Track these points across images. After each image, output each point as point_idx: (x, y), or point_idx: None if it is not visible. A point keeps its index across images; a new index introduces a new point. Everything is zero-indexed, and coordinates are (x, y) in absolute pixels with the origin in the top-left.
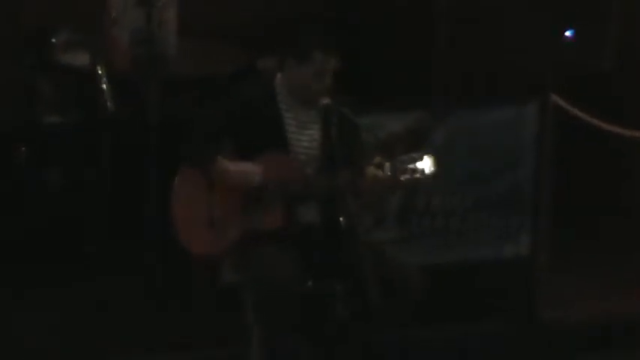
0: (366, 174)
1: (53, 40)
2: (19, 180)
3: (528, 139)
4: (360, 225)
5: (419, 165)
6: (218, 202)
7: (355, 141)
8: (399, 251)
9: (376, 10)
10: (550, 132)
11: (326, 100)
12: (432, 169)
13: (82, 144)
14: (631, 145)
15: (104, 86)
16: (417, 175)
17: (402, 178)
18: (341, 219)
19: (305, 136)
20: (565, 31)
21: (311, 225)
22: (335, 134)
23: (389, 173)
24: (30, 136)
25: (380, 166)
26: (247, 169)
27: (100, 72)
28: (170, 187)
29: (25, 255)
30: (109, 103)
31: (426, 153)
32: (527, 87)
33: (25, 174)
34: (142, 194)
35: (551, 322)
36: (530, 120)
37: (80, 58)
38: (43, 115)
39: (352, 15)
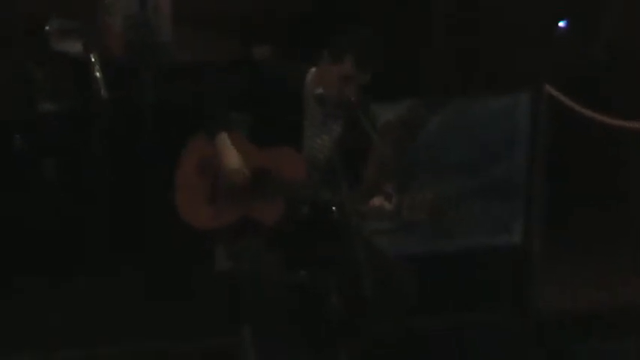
0: (372, 202)
1: (47, 28)
2: (14, 168)
3: (522, 128)
4: (354, 217)
5: (426, 206)
6: (222, 181)
7: (362, 141)
8: (392, 240)
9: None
10: (543, 122)
11: (319, 90)
12: (439, 214)
13: (77, 131)
14: (625, 135)
15: (98, 73)
16: (422, 216)
17: (406, 214)
18: (334, 209)
19: (319, 139)
20: (558, 22)
21: (305, 218)
22: (343, 131)
23: (395, 206)
24: (24, 123)
25: (388, 197)
26: (235, 159)
27: (94, 59)
28: (166, 172)
29: (19, 245)
30: (103, 90)
31: (438, 198)
32: (520, 77)
33: (20, 162)
34: (137, 181)
35: (544, 311)
36: (524, 110)
37: (74, 46)
38: (38, 103)
39: (346, 5)
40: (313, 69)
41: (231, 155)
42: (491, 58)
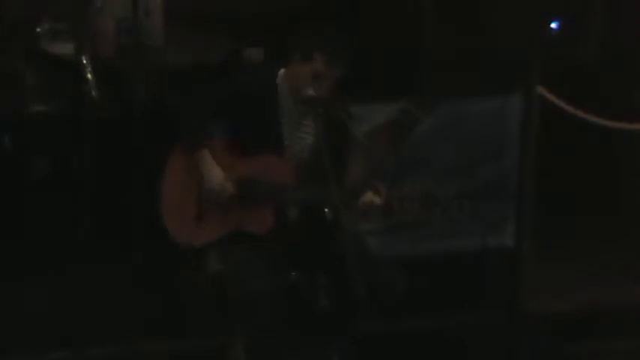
0: (362, 198)
1: (38, 30)
2: (3, 169)
3: (513, 129)
4: (345, 217)
5: (416, 199)
6: (207, 198)
7: (343, 143)
8: (383, 242)
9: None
10: (534, 123)
11: (310, 92)
12: (428, 207)
13: (67, 133)
14: (615, 135)
15: (89, 75)
16: (413, 209)
17: (397, 208)
18: (326, 210)
19: (300, 139)
20: (550, 22)
21: (295, 219)
22: (324, 130)
23: (384, 200)
24: (15, 125)
25: (377, 192)
26: (217, 175)
27: (85, 61)
28: (156, 176)
29: (9, 244)
30: (94, 93)
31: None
32: (512, 78)
33: (10, 163)
34: (127, 183)
35: (536, 312)
36: (515, 110)
37: (65, 48)
38: (28, 105)
39: (336, 3)
40: (282, 70)
41: (213, 171)
42: (482, 60)
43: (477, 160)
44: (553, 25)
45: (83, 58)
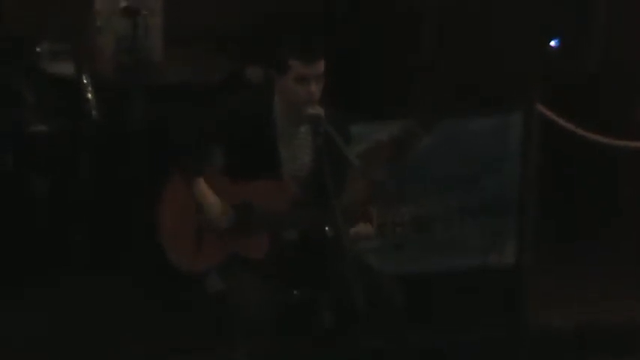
0: (353, 229)
1: (38, 50)
2: (3, 188)
3: (514, 146)
4: (345, 234)
5: (409, 223)
6: (205, 223)
7: (341, 161)
8: (383, 260)
9: (362, 16)
10: (535, 140)
11: (314, 110)
12: (422, 230)
13: (67, 152)
14: (616, 152)
15: (90, 95)
16: (407, 232)
17: (390, 233)
18: (327, 229)
19: (297, 159)
20: (550, 40)
21: (295, 240)
22: (322, 151)
23: (376, 228)
24: (15, 143)
25: (369, 220)
26: (214, 206)
27: (85, 81)
28: (154, 194)
29: (9, 261)
30: (94, 112)
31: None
32: (512, 95)
33: (10, 182)
34: (126, 201)
35: (537, 329)
36: (516, 128)
37: (65, 67)
38: (28, 124)
39: (337, 22)
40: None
41: (210, 203)
42: (483, 77)
43: (478, 177)
44: (553, 43)
45: (83, 77)
